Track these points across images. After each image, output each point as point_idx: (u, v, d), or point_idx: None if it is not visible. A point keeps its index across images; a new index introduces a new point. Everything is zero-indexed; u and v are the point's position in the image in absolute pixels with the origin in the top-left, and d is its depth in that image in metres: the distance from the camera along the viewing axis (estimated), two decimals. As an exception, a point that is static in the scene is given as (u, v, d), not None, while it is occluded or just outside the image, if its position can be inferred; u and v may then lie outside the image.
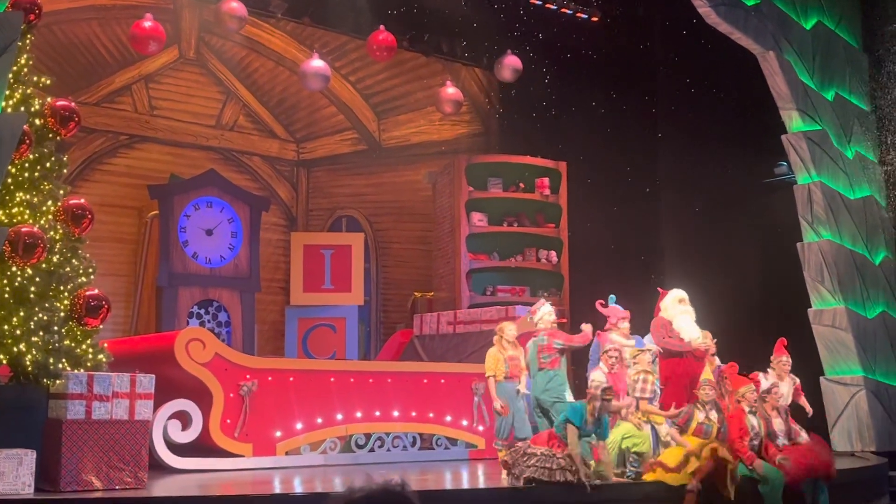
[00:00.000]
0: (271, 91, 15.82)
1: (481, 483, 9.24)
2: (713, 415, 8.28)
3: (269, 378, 10.14)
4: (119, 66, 14.38)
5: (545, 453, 7.59)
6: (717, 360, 9.45)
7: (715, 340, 9.76)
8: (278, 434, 10.10)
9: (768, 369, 9.47)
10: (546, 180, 15.56)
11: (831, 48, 14.00)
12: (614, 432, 8.27)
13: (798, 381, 9.53)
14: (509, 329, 9.25)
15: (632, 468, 8.22)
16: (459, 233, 14.96)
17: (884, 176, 14.18)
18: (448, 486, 8.93)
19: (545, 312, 9.17)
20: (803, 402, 9.68)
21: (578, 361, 10.94)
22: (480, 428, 11.54)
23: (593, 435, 7.87)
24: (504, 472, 8.01)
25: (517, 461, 7.69)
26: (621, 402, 8.44)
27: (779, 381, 9.37)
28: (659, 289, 9.50)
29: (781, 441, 8.99)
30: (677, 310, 9.07)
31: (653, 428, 8.63)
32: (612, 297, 9.75)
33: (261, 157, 15.69)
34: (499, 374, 9.10)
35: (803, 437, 8.97)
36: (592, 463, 7.83)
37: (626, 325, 9.48)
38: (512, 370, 9.04)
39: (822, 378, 12.74)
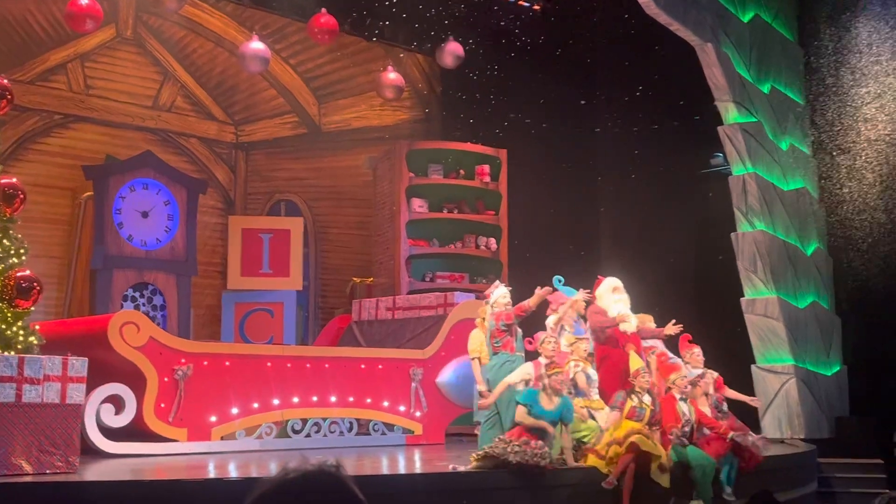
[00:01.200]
0: (210, 72, 15.63)
1: (418, 468, 9.29)
2: (646, 398, 8.40)
3: (205, 362, 10.06)
4: (54, 44, 14.10)
5: (505, 440, 7.68)
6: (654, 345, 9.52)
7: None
8: (213, 419, 10.04)
9: (685, 364, 9.56)
10: (486, 168, 15.60)
11: (768, 41, 14.24)
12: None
13: (717, 374, 9.57)
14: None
15: (562, 458, 8.28)
16: (399, 219, 14.95)
17: (816, 168, 14.46)
18: (385, 471, 8.96)
19: (499, 295, 9.10)
20: (735, 394, 9.71)
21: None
22: (418, 414, 11.59)
23: (559, 421, 7.94)
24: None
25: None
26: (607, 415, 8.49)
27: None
28: (600, 276, 9.59)
29: (708, 430, 9.16)
30: (612, 298, 9.15)
31: (591, 416, 8.70)
32: (558, 278, 9.65)
33: (199, 139, 15.51)
34: (483, 356, 8.99)
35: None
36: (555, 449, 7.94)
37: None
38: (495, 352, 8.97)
39: (753, 366, 12.99)
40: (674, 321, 9.55)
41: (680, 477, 8.45)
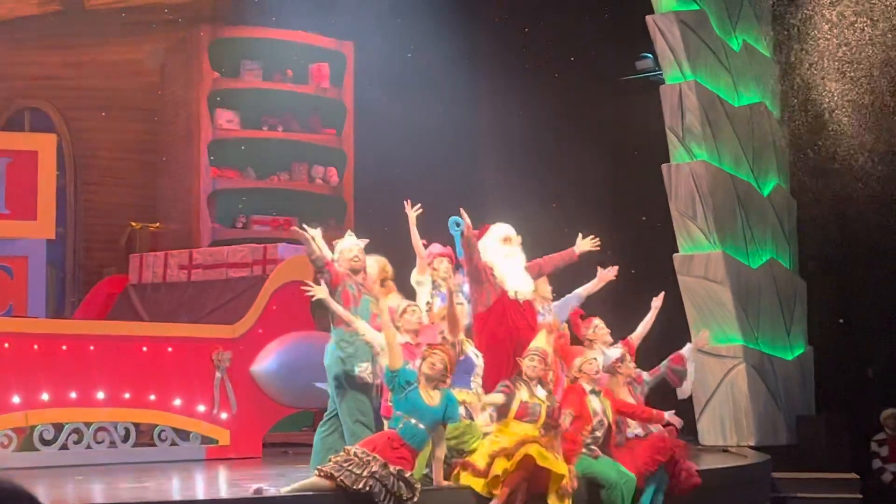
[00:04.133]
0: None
1: (223, 492, 9.29)
2: (540, 392, 8.53)
3: (-89, 343, 9.87)
4: None
5: (361, 456, 7.64)
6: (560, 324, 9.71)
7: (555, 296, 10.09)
8: (-76, 425, 9.86)
9: (586, 343, 9.83)
10: (325, 67, 15.52)
11: None
12: None
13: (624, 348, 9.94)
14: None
15: (427, 474, 8.35)
16: (199, 138, 14.79)
17: (779, 76, 14.80)
18: (175, 496, 8.93)
19: (343, 249, 9.08)
20: (649, 320, 10.26)
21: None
22: (224, 416, 11.58)
23: (443, 420, 7.99)
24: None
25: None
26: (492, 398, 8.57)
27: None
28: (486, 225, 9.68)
29: (633, 431, 9.40)
30: (500, 252, 9.26)
31: (470, 416, 8.77)
32: (456, 220, 9.64)
33: None
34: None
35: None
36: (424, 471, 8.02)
37: (443, 265, 9.55)
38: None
39: (688, 347, 13.33)
40: (581, 234, 9.82)
41: (586, 500, 8.65)
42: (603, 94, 15.40)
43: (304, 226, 8.85)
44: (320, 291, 8.57)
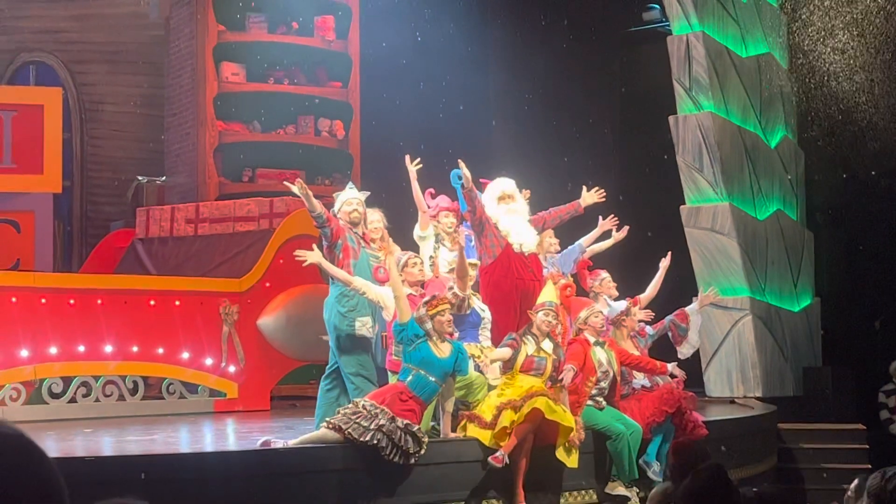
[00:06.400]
0: None
1: (231, 445, 9.33)
2: (546, 345, 8.54)
3: (-81, 298, 9.91)
4: None
5: (369, 409, 7.65)
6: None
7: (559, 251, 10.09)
8: (-67, 378, 9.92)
9: (591, 295, 9.87)
10: (331, 20, 15.46)
11: None
12: None
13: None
14: None
15: (434, 426, 8.40)
16: (204, 91, 14.74)
17: (787, 25, 14.73)
18: (184, 448, 8.98)
19: (343, 201, 9.09)
20: (658, 279, 10.28)
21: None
22: (232, 369, 11.62)
23: (453, 372, 8.01)
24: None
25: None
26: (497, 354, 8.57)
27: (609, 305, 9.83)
28: (482, 180, 9.68)
29: (640, 382, 9.44)
30: (502, 207, 9.24)
31: (478, 370, 8.79)
32: (458, 173, 9.62)
33: None
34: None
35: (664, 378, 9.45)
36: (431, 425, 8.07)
37: (448, 219, 9.54)
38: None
39: (695, 299, 13.34)
40: (586, 187, 9.79)
41: (592, 452, 8.68)
42: (610, 45, 15.33)
43: (292, 183, 8.79)
44: (312, 256, 8.54)
